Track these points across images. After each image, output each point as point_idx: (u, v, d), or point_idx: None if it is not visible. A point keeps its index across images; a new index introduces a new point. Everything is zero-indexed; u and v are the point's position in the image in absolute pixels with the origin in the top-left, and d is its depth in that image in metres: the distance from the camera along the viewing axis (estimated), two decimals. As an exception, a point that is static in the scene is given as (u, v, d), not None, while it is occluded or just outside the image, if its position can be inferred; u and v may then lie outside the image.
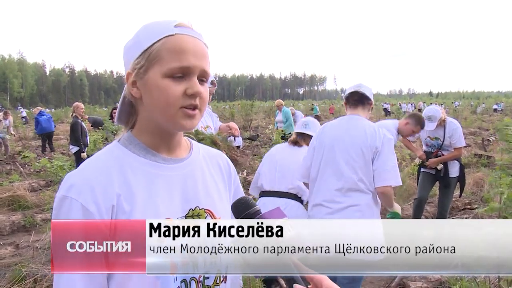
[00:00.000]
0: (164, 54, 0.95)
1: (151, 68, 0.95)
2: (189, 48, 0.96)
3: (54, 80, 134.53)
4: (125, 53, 1.04)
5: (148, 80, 0.96)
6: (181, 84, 0.95)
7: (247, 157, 11.19)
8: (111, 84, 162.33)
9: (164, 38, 0.95)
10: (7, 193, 7.21)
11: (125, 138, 1.05)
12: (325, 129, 2.85)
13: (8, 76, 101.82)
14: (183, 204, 1.03)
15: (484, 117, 28.02)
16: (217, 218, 1.08)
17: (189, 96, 0.95)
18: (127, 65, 1.02)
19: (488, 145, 12.79)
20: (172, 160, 1.05)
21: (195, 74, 0.96)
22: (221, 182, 1.17)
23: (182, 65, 0.94)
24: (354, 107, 2.80)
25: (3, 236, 5.76)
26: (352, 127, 2.71)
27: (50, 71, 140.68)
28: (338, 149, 2.68)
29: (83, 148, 8.27)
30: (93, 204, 0.91)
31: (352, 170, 2.61)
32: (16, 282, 3.80)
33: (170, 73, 0.94)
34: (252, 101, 23.03)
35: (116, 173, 0.96)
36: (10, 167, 10.58)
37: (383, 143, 2.61)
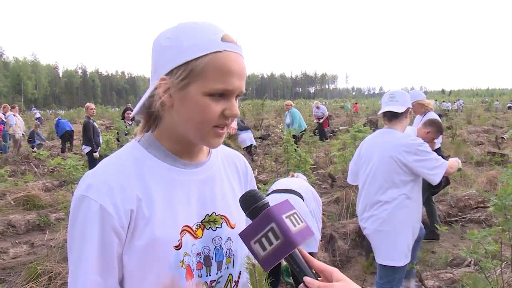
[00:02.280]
0: (210, 73, 0.90)
1: (193, 83, 0.91)
2: (235, 70, 0.92)
3: (67, 82, 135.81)
4: (158, 52, 0.96)
5: (188, 95, 0.92)
6: (220, 104, 0.93)
7: (258, 156, 11.20)
8: (122, 84, 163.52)
9: (211, 54, 0.90)
10: (22, 193, 7.33)
11: (145, 139, 1.02)
12: (365, 141, 3.19)
13: (22, 78, 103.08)
14: (200, 210, 1.02)
15: (498, 114, 27.60)
16: (233, 224, 1.07)
17: (225, 116, 0.94)
18: (159, 67, 0.95)
19: (502, 143, 12.63)
20: (191, 165, 1.03)
21: (234, 95, 0.95)
22: (238, 184, 1.16)
23: (226, 87, 0.92)
24: (388, 122, 3.00)
25: (19, 235, 5.86)
26: (386, 140, 2.93)
27: (63, 72, 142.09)
28: (374, 160, 2.95)
29: (96, 148, 8.35)
30: (111, 205, 0.89)
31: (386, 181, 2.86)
32: (31, 279, 3.86)
33: (212, 92, 0.91)
34: (263, 100, 23.00)
35: (135, 176, 0.95)
36: (24, 168, 10.74)
37: (416, 152, 2.78)
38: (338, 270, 0.85)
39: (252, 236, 0.86)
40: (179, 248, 0.94)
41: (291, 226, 0.85)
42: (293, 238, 0.83)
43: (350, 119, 20.43)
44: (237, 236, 1.05)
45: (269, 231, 0.84)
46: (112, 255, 0.90)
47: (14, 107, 14.38)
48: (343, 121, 22.84)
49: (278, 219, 0.84)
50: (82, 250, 0.89)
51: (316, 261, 0.87)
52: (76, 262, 0.89)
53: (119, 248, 0.91)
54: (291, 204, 0.92)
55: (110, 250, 0.90)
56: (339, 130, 17.74)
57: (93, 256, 0.88)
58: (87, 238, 0.88)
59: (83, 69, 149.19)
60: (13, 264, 4.54)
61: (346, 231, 5.24)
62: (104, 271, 0.89)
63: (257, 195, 0.91)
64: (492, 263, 2.64)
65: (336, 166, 8.51)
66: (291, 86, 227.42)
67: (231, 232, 1.06)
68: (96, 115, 9.13)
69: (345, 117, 24.30)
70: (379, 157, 2.90)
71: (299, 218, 0.89)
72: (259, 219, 0.86)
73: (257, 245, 0.85)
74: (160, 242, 0.92)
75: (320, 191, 7.40)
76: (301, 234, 0.86)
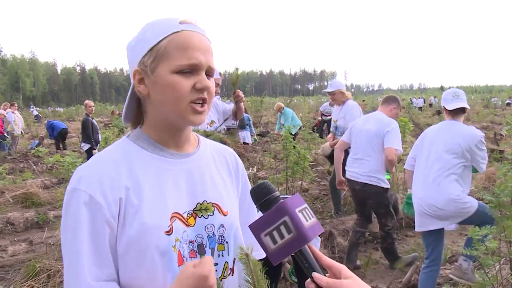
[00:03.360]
0: (172, 50, 0.96)
1: (159, 65, 0.97)
2: (196, 44, 0.97)
3: (65, 79, 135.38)
4: (129, 51, 1.04)
5: (157, 77, 0.97)
6: (190, 79, 0.97)
7: (257, 153, 11.19)
8: (121, 82, 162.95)
9: (170, 35, 0.96)
10: (20, 191, 7.32)
11: (134, 134, 1.07)
12: (431, 130, 3.63)
13: (21, 75, 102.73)
14: (191, 198, 1.04)
15: (496, 111, 27.64)
16: (225, 212, 1.09)
17: (198, 90, 0.97)
18: (132, 64, 1.03)
19: (500, 139, 12.63)
20: (179, 155, 1.06)
21: (203, 70, 0.98)
22: (228, 177, 1.17)
23: (190, 62, 0.96)
24: (455, 115, 3.47)
25: (18, 233, 5.85)
26: (455, 129, 3.40)
27: (61, 70, 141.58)
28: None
29: (95, 145, 8.34)
30: (101, 195, 0.93)
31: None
32: (30, 277, 3.86)
33: (178, 69, 0.96)
34: (262, 97, 22.99)
35: (124, 167, 0.98)
36: (23, 165, 10.72)
37: (478, 142, 3.27)
38: (346, 267, 0.84)
39: (263, 228, 0.85)
40: (170, 233, 0.96)
41: (303, 221, 0.84)
42: (306, 233, 0.82)
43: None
44: (230, 223, 1.08)
45: (282, 224, 0.83)
46: (105, 245, 0.93)
47: (13, 104, 14.39)
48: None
49: (291, 212, 0.83)
50: (75, 241, 0.91)
51: (325, 257, 0.86)
52: (70, 254, 0.92)
53: (111, 238, 0.94)
54: (302, 198, 0.91)
55: (103, 240, 0.92)
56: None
57: (86, 246, 0.90)
58: (79, 228, 0.91)
59: (82, 66, 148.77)
60: (11, 262, 4.54)
61: (345, 228, 5.25)
62: (99, 260, 0.92)
63: (269, 187, 0.90)
64: (492, 260, 2.64)
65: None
66: (290, 83, 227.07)
67: (224, 219, 1.08)
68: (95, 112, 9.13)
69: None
70: (445, 143, 3.34)
71: (310, 213, 0.88)
72: (272, 211, 0.85)
73: (267, 238, 0.84)
74: (150, 228, 0.94)
75: (319, 188, 7.40)
76: (312, 229, 0.85)
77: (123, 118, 1.12)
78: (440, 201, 3.23)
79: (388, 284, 4.00)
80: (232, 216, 1.10)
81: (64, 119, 29.29)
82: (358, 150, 4.33)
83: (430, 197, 3.30)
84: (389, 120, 4.25)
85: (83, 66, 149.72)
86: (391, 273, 4.41)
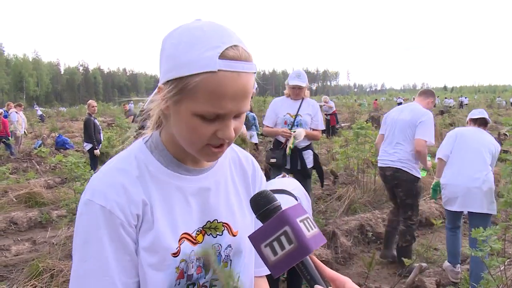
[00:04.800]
0: (200, 93, 0.84)
1: (183, 101, 0.86)
2: (229, 92, 0.84)
3: (69, 79, 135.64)
4: (163, 56, 0.91)
5: (179, 111, 0.89)
6: (212, 126, 0.88)
7: (260, 153, 11.18)
8: (124, 81, 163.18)
9: (204, 74, 0.83)
10: (24, 190, 7.34)
11: (152, 141, 1.01)
12: (463, 131, 4.29)
13: (24, 75, 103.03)
14: (202, 216, 1.00)
15: (500, 111, 27.53)
16: (235, 232, 1.05)
17: (219, 138, 0.91)
18: (161, 72, 0.92)
19: (504, 139, 12.58)
20: (195, 171, 1.01)
21: (230, 117, 0.89)
22: (244, 191, 1.13)
23: (216, 112, 0.86)
24: (481, 125, 4.34)
25: (21, 232, 5.86)
26: (483, 136, 4.20)
27: (64, 69, 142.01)
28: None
29: (97, 145, 8.34)
30: (118, 209, 0.89)
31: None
32: (33, 277, 3.86)
33: (202, 114, 0.86)
34: (265, 97, 22.97)
35: (138, 180, 0.94)
36: (26, 165, 10.74)
37: (498, 151, 4.18)
38: (350, 280, 0.81)
39: (263, 239, 0.81)
40: (176, 255, 0.93)
41: (305, 231, 0.79)
42: (307, 243, 0.78)
43: (352, 116, 20.39)
44: (238, 243, 1.05)
45: (282, 234, 0.79)
46: (124, 256, 0.90)
47: (20, 105, 14.43)
48: (345, 118, 22.80)
49: (292, 222, 0.79)
50: (95, 256, 0.87)
51: (328, 269, 0.83)
52: (93, 269, 0.87)
53: (133, 247, 0.91)
54: (303, 208, 0.87)
55: (122, 251, 0.89)
56: (341, 127, 17.72)
57: (106, 259, 0.87)
58: (98, 242, 0.87)
59: (85, 66, 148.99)
60: (15, 261, 4.55)
61: (349, 228, 5.23)
62: (123, 272, 0.89)
63: (269, 197, 0.86)
64: (497, 261, 2.62)
65: (339, 163, 8.49)
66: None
67: (232, 239, 1.05)
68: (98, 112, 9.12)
69: (347, 114, 24.25)
70: (478, 146, 4.07)
71: (312, 223, 0.84)
72: (272, 221, 0.81)
73: (267, 249, 0.80)
74: (158, 250, 0.91)
75: (322, 188, 7.38)
76: (314, 240, 0.81)
77: (138, 116, 1.07)
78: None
79: (391, 284, 3.98)
80: (241, 236, 1.06)
81: (67, 119, 29.37)
82: (392, 139, 4.37)
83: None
84: (424, 111, 4.28)
85: (86, 66, 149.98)
86: (394, 273, 4.39)
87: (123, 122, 10.27)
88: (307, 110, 4.52)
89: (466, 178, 3.99)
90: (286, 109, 4.48)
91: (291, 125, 4.45)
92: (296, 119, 4.45)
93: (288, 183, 3.41)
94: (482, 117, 4.30)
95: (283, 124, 4.48)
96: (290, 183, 3.45)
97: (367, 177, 7.44)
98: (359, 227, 5.33)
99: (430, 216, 5.89)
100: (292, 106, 4.52)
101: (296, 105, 4.50)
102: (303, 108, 4.51)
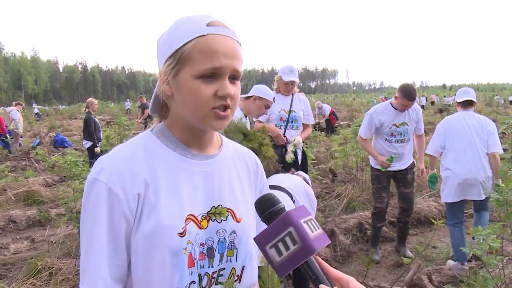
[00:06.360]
0: (195, 55, 0.94)
1: (182, 69, 0.95)
2: (220, 49, 0.94)
3: (67, 77, 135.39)
4: (158, 48, 1.03)
5: (179, 81, 0.96)
6: (212, 85, 0.95)
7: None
8: (123, 80, 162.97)
9: (195, 39, 0.94)
10: (22, 189, 7.33)
11: (158, 129, 1.06)
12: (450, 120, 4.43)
13: (23, 73, 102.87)
14: (207, 201, 1.03)
15: (499, 109, 27.53)
16: (239, 218, 1.08)
17: (220, 97, 0.95)
18: (159, 62, 1.02)
19: (502, 137, 12.59)
20: (201, 156, 1.05)
21: (226, 75, 0.96)
22: (247, 181, 1.16)
23: (212, 66, 0.93)
24: (465, 108, 4.40)
25: (20, 231, 5.86)
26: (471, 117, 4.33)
27: (63, 68, 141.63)
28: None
29: (97, 143, 8.33)
30: (121, 189, 0.93)
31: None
32: (32, 275, 3.86)
33: (200, 74, 0.94)
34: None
35: (145, 163, 0.98)
36: (25, 163, 10.73)
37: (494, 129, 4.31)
38: (354, 279, 0.82)
39: (267, 240, 0.83)
40: (183, 235, 0.96)
41: (309, 232, 0.82)
42: (311, 244, 0.80)
43: (351, 114, 20.41)
44: (242, 230, 1.07)
45: (287, 235, 0.81)
46: (120, 237, 0.94)
47: (20, 104, 14.45)
48: (344, 116, 22.82)
49: (296, 223, 0.81)
50: (92, 231, 0.93)
51: (332, 269, 0.84)
52: (87, 243, 0.94)
53: (127, 232, 0.95)
54: (307, 209, 0.89)
55: (119, 233, 0.94)
56: (340, 125, 17.74)
57: (103, 238, 0.92)
58: (97, 219, 0.93)
59: (83, 64, 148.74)
60: (13, 259, 4.55)
61: (347, 226, 5.24)
62: (113, 252, 0.94)
63: (274, 199, 0.89)
64: (496, 259, 2.63)
65: (337, 161, 8.50)
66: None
67: (236, 225, 1.07)
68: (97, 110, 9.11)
69: (345, 112, 24.28)
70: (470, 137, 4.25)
71: (316, 224, 0.87)
72: (276, 223, 0.83)
73: (272, 250, 0.82)
74: (165, 229, 0.94)
75: (321, 186, 7.39)
76: (318, 240, 0.83)
77: (150, 109, 1.11)
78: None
79: (390, 282, 3.99)
80: (245, 222, 1.09)
81: (66, 117, 29.34)
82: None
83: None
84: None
85: (85, 64, 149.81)
86: (393, 272, 4.40)
87: (121, 120, 10.22)
88: (299, 106, 4.56)
89: (467, 170, 4.13)
90: (280, 105, 4.48)
91: (286, 122, 4.46)
92: (291, 115, 4.48)
93: (288, 179, 3.40)
94: (468, 99, 4.36)
95: (279, 121, 4.48)
96: (290, 179, 3.44)
97: (366, 175, 7.45)
98: (357, 225, 5.33)
99: (429, 214, 5.90)
100: (284, 101, 4.53)
101: (287, 100, 4.52)
102: (295, 103, 4.53)
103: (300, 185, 3.41)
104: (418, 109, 4.60)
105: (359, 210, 6.20)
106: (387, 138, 4.51)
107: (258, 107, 3.96)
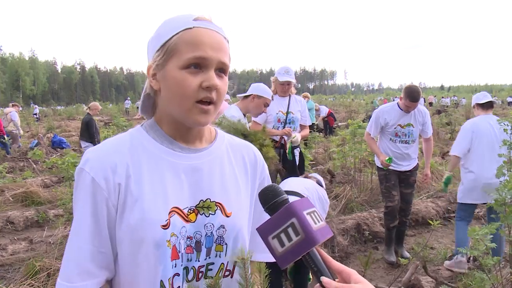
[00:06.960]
0: (181, 46, 0.95)
1: (169, 60, 0.97)
2: (206, 40, 0.96)
3: (66, 78, 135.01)
4: (148, 47, 1.05)
5: (166, 72, 0.97)
6: (198, 77, 0.95)
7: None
8: (121, 80, 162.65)
9: (182, 31, 0.96)
10: (20, 189, 7.32)
11: (147, 124, 1.08)
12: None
13: (21, 74, 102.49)
14: (194, 194, 1.03)
15: (497, 110, 27.62)
16: (228, 213, 1.07)
17: (205, 89, 0.95)
18: (149, 59, 1.04)
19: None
20: (188, 150, 1.05)
21: (212, 67, 0.97)
22: (243, 175, 1.15)
23: (197, 55, 0.94)
24: (487, 110, 4.48)
25: (18, 232, 5.85)
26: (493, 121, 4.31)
27: (61, 68, 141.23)
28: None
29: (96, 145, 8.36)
30: (103, 179, 0.96)
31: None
32: (30, 276, 3.85)
33: (186, 64, 0.95)
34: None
35: (130, 155, 1.00)
36: (23, 164, 10.71)
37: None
38: (356, 272, 0.82)
39: (270, 231, 0.83)
40: (166, 227, 0.97)
41: (312, 223, 0.81)
42: (314, 235, 0.80)
43: (349, 115, 20.42)
44: (232, 225, 1.06)
45: (289, 226, 0.81)
46: (104, 225, 0.97)
47: (17, 105, 14.47)
48: (342, 117, 22.84)
49: (299, 214, 0.81)
50: (78, 217, 0.97)
51: (334, 261, 0.85)
52: (73, 230, 0.98)
53: (110, 221, 0.97)
54: (310, 201, 0.89)
55: (102, 221, 0.97)
56: (338, 126, 17.75)
57: (87, 225, 0.96)
58: (83, 207, 0.96)
59: (82, 65, 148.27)
60: (11, 260, 4.54)
61: (345, 227, 5.25)
62: (97, 239, 0.96)
63: (277, 190, 0.89)
64: (493, 260, 2.64)
65: (335, 162, 8.50)
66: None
67: (225, 220, 1.06)
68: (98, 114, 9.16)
69: (344, 113, 24.29)
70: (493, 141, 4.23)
71: (319, 216, 0.86)
72: (280, 213, 0.83)
73: (275, 240, 0.82)
74: (148, 221, 0.96)
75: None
76: (321, 232, 0.83)
77: (140, 109, 1.13)
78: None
79: (388, 283, 4.00)
80: (235, 217, 1.07)
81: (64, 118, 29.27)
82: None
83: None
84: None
85: (83, 64, 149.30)
86: (391, 273, 4.41)
87: (120, 121, 10.23)
88: (296, 107, 4.57)
89: (492, 174, 4.08)
90: (277, 107, 4.49)
91: (284, 123, 4.47)
92: (288, 116, 4.48)
93: (300, 183, 3.41)
94: (489, 101, 4.44)
95: (277, 122, 4.49)
96: (303, 182, 3.44)
97: (364, 176, 7.46)
98: (355, 226, 5.35)
99: (427, 215, 5.92)
100: (282, 103, 4.53)
101: (285, 102, 4.53)
102: (292, 105, 4.54)
103: (313, 189, 3.41)
104: (425, 112, 4.63)
105: (357, 211, 6.20)
106: (391, 138, 4.54)
107: (257, 105, 3.96)
